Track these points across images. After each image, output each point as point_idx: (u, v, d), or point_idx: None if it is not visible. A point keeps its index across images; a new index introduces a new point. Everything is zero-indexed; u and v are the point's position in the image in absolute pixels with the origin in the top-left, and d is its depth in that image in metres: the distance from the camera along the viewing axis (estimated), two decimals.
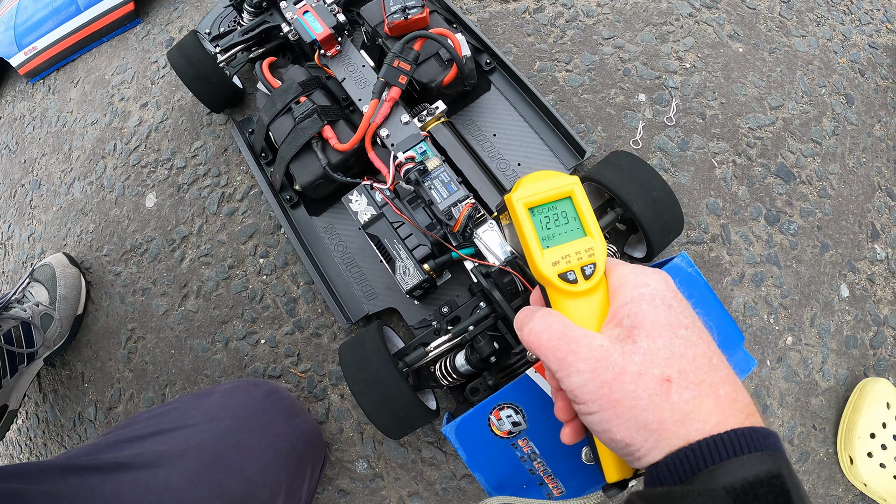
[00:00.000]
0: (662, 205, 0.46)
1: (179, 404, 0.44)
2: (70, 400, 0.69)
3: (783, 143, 0.59)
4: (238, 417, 0.42)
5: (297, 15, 0.54)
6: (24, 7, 0.83)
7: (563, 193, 0.25)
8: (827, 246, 0.57)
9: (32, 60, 0.82)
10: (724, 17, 0.64)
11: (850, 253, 0.57)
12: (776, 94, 0.61)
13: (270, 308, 0.60)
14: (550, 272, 0.24)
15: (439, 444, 0.54)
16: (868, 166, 0.59)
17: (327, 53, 0.54)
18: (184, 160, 0.68)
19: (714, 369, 0.22)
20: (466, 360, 0.43)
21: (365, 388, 0.42)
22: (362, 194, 0.47)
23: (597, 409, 0.22)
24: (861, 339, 0.55)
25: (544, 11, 0.65)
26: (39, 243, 0.75)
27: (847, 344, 0.55)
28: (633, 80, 0.61)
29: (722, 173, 0.58)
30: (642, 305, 0.23)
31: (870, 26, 0.65)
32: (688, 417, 0.21)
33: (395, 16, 0.53)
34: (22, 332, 0.65)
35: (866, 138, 0.60)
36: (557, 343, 0.23)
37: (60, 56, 0.82)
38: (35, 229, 0.77)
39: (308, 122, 0.51)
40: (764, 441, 0.20)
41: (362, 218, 0.46)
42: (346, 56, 0.54)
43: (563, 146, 0.56)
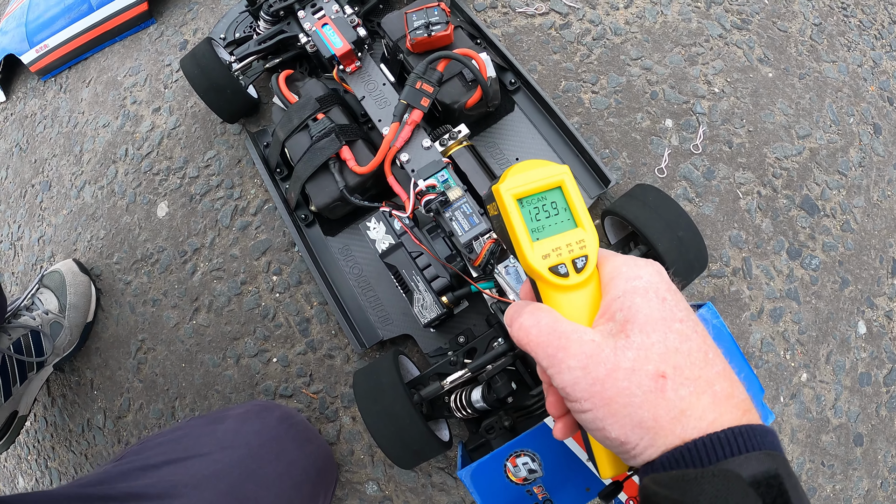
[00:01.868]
0: (688, 244, 0.44)
1: (192, 430, 0.43)
2: (79, 406, 0.68)
3: (809, 174, 0.57)
4: (252, 446, 0.41)
5: (315, 27, 0.51)
6: (36, 4, 0.79)
7: (553, 184, 0.24)
8: (847, 281, 0.55)
9: (44, 58, 0.79)
10: (754, 40, 0.61)
11: (870, 289, 0.55)
12: (804, 122, 0.58)
13: (283, 327, 0.58)
14: (540, 265, 0.23)
15: (450, 469, 0.52)
16: (893, 199, 0.57)
17: (346, 69, 0.51)
18: (196, 170, 0.66)
19: (710, 364, 0.21)
20: (483, 399, 0.41)
21: (379, 422, 0.40)
22: (380, 221, 0.45)
23: (590, 408, 0.21)
24: (875, 376, 0.54)
25: (571, 28, 0.62)
26: (49, 246, 0.73)
27: (861, 381, 0.53)
28: (660, 104, 0.58)
29: (746, 205, 0.56)
30: (635, 299, 0.22)
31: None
32: (684, 414, 0.20)
33: (418, 32, 0.50)
34: (31, 340, 0.63)
35: (892, 170, 0.58)
36: (547, 339, 0.22)
37: (72, 55, 0.79)
38: (45, 231, 0.75)
39: (325, 141, 0.49)
40: (762, 440, 0.20)
41: (380, 247, 0.44)
42: (366, 72, 0.51)
43: (588, 173, 0.53)
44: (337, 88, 0.56)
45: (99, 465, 0.46)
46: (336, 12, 0.55)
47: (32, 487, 0.71)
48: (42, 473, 0.70)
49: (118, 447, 0.65)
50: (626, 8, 0.63)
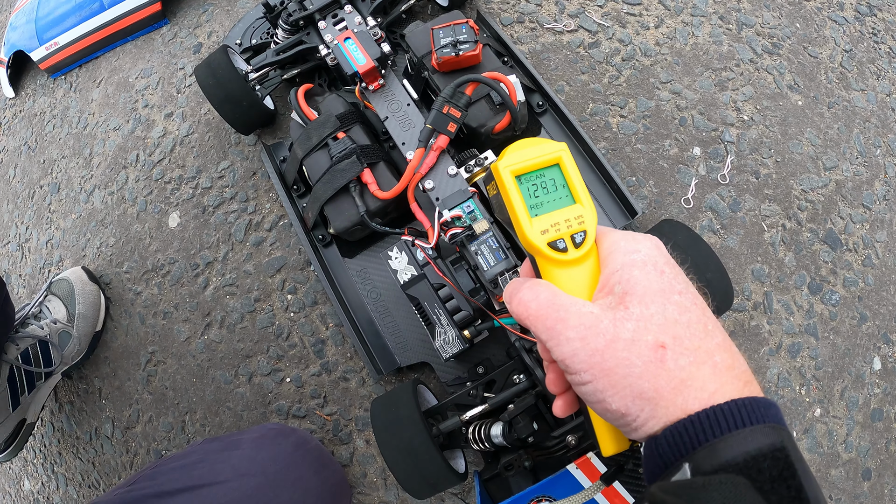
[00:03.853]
0: (716, 286, 0.42)
1: (206, 456, 0.41)
2: (87, 413, 0.66)
3: (834, 207, 0.55)
4: (268, 473, 0.40)
5: (337, 41, 0.49)
6: (46, 0, 0.76)
7: (551, 160, 0.24)
8: (865, 317, 0.53)
9: (54, 56, 0.76)
10: (784, 66, 0.59)
11: (887, 325, 0.53)
12: (832, 153, 0.56)
13: (297, 347, 0.56)
14: (539, 241, 0.23)
15: (462, 495, 0.52)
16: None
17: (369, 87, 0.49)
18: (210, 180, 0.64)
19: (709, 335, 0.21)
20: (503, 437, 0.39)
21: (397, 455, 0.39)
22: (403, 251, 0.44)
23: (589, 379, 0.21)
24: (887, 412, 0.53)
25: (600, 47, 0.60)
26: (58, 250, 0.72)
27: (873, 417, 0.52)
28: (688, 130, 0.56)
29: (770, 238, 0.54)
30: (633, 271, 0.22)
31: None
32: (684, 385, 0.20)
33: (445, 51, 0.48)
34: (39, 350, 0.62)
35: None
36: (546, 312, 0.22)
37: (83, 53, 0.76)
38: (53, 235, 0.73)
39: (347, 163, 0.47)
40: (765, 412, 0.20)
41: (402, 277, 0.43)
42: (390, 91, 0.49)
43: (614, 202, 0.51)
44: (357, 103, 0.54)
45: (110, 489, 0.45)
46: (359, 24, 0.53)
47: (38, 491, 0.70)
48: (48, 478, 0.69)
49: (126, 457, 0.63)
50: (656, 28, 0.60)
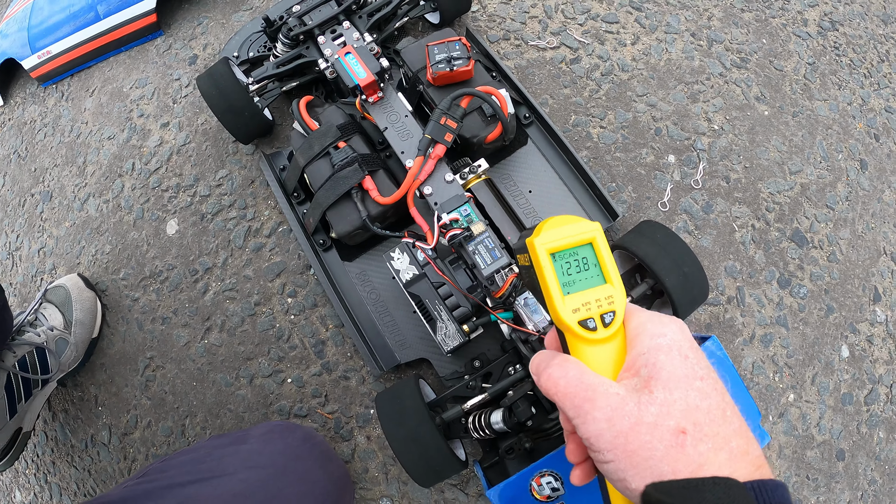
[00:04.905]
0: (692, 280, 0.46)
1: (215, 450, 0.42)
2: (82, 421, 0.66)
3: (800, 208, 0.60)
4: (277, 466, 0.41)
5: (338, 55, 0.52)
6: (39, 8, 0.76)
7: (585, 240, 0.25)
8: (832, 309, 0.58)
9: (46, 64, 0.76)
10: (752, 78, 0.64)
11: (853, 315, 0.59)
12: (796, 158, 0.62)
13: (298, 348, 0.58)
14: (571, 319, 0.24)
15: (461, 486, 0.54)
16: (876, 231, 0.61)
17: (369, 99, 0.52)
18: (208, 188, 0.65)
19: (727, 421, 0.22)
20: (503, 422, 0.42)
21: (403, 444, 0.41)
22: (404, 252, 0.46)
23: (612, 459, 0.22)
24: (856, 396, 0.57)
25: (581, 63, 0.64)
26: (50, 258, 0.71)
27: (843, 401, 0.57)
28: (664, 140, 0.61)
29: (741, 237, 0.59)
30: (659, 356, 0.23)
31: (887, 90, 0.66)
32: (701, 469, 0.21)
33: (440, 66, 0.51)
34: (37, 357, 0.61)
35: (876, 204, 0.62)
36: (574, 390, 0.23)
37: (75, 62, 0.76)
38: (46, 243, 0.72)
39: (349, 171, 0.49)
40: (773, 493, 0.21)
41: (404, 277, 0.45)
42: (388, 103, 0.52)
43: (596, 206, 0.55)
44: (354, 115, 0.56)
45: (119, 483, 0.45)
46: (357, 40, 0.55)
47: (30, 502, 0.69)
48: (41, 488, 0.68)
49: (124, 464, 0.63)
50: (632, 45, 0.65)
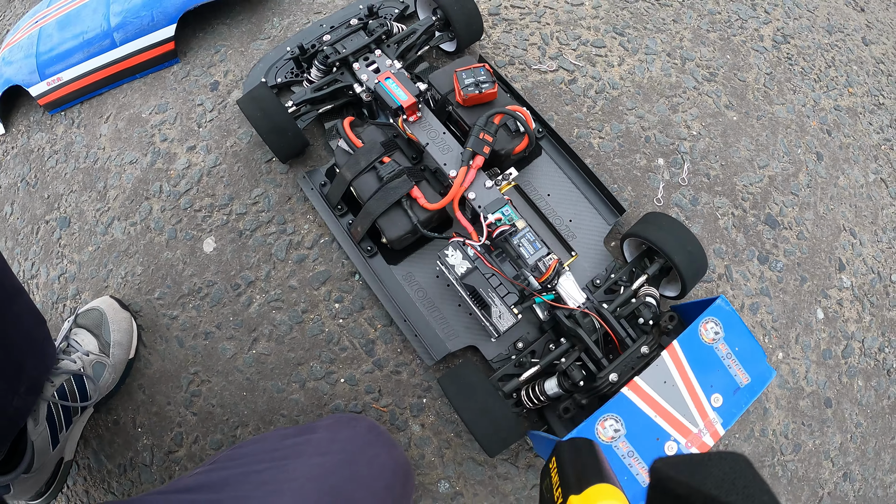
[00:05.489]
0: (695, 256, 0.60)
1: (284, 440, 0.46)
2: (119, 445, 0.70)
3: (770, 196, 0.77)
4: (347, 452, 0.45)
5: (378, 80, 0.63)
6: (48, 35, 0.83)
7: None
8: (805, 279, 0.75)
9: (55, 91, 0.82)
10: (720, 89, 0.81)
11: (823, 283, 0.75)
12: (763, 155, 0.79)
13: (349, 349, 0.67)
14: None
15: (512, 459, 0.64)
16: (835, 212, 0.78)
17: (409, 119, 0.63)
18: (244, 207, 0.74)
19: None
20: (558, 385, 0.52)
21: (476, 416, 0.50)
22: (457, 249, 0.57)
23: None
24: (834, 351, 0.73)
25: (577, 83, 0.79)
26: (73, 284, 0.76)
27: (824, 356, 0.73)
28: (652, 146, 0.77)
29: (724, 224, 0.75)
30: None
31: (835, 91, 0.84)
32: None
33: (470, 89, 0.64)
34: (75, 384, 0.64)
35: (833, 188, 0.79)
36: None
37: (87, 89, 0.83)
38: (66, 269, 0.77)
39: (398, 182, 0.60)
40: None
41: (459, 271, 0.56)
42: (426, 122, 0.64)
43: (604, 204, 0.69)
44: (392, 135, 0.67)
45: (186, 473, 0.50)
46: (389, 66, 0.68)
47: None
48: None
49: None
50: (619, 65, 0.81)
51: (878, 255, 0.74)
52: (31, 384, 0.58)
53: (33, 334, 0.58)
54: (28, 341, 0.57)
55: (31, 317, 0.58)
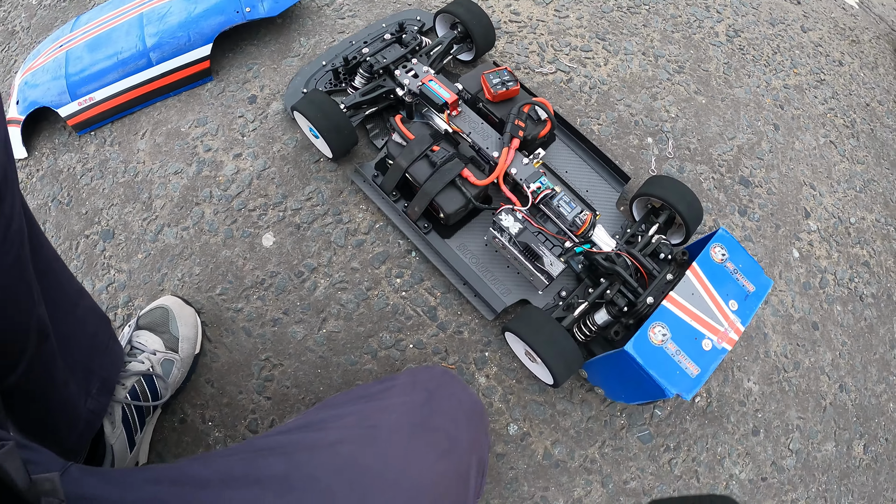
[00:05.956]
0: (694, 205, 0.79)
1: (370, 388, 0.50)
2: (189, 443, 0.77)
3: (740, 161, 0.99)
4: (429, 390, 0.50)
5: (423, 82, 0.79)
6: (78, 57, 0.91)
7: None
8: (779, 226, 0.96)
9: (86, 111, 0.90)
10: (689, 79, 1.04)
11: (794, 228, 0.97)
12: (730, 129, 1.02)
13: (413, 318, 0.79)
14: None
15: (568, 396, 0.78)
16: (795, 170, 1.01)
17: (452, 113, 0.79)
18: (298, 203, 0.85)
19: None
20: (608, 314, 0.67)
21: (547, 348, 0.64)
22: (508, 214, 0.73)
23: None
24: (812, 283, 0.94)
25: (573, 81, 0.99)
26: (124, 292, 0.83)
27: (804, 287, 0.93)
28: (641, 128, 0.97)
29: (707, 186, 0.96)
30: None
31: (782, 73, 1.08)
32: None
33: (498, 87, 0.81)
34: (145, 384, 0.70)
35: (791, 151, 1.02)
36: None
37: (119, 108, 0.91)
38: (115, 278, 0.84)
39: (451, 164, 0.75)
40: None
41: (513, 231, 0.71)
42: (466, 115, 0.80)
43: (612, 176, 0.87)
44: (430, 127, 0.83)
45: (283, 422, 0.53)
46: (425, 71, 0.84)
47: None
48: None
49: None
50: (605, 65, 1.02)
51: (836, 203, 0.98)
52: (102, 385, 0.63)
53: (99, 335, 0.62)
54: (95, 342, 0.61)
55: (96, 317, 0.62)
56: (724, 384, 0.81)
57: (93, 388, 0.61)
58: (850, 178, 0.99)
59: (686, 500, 0.29)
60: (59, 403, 0.56)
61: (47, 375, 0.53)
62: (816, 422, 0.83)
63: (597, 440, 0.76)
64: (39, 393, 0.52)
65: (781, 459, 0.80)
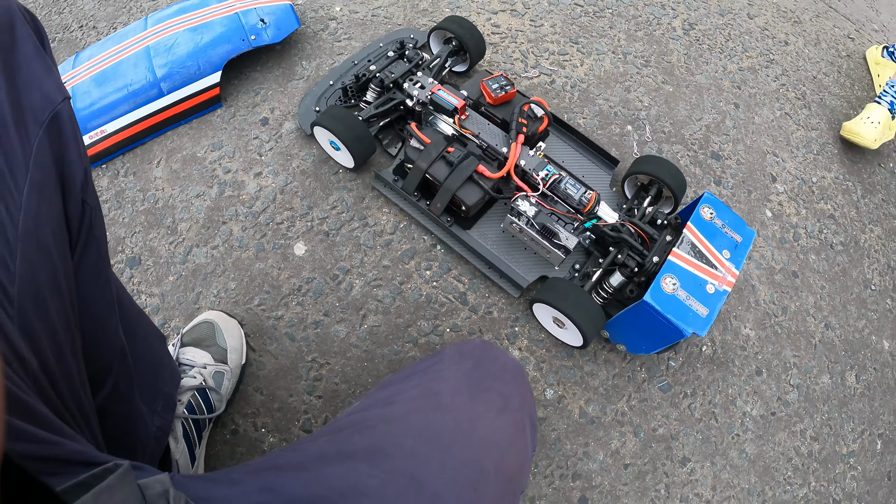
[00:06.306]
0: (678, 178, 0.95)
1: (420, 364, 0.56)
2: (242, 454, 0.83)
3: (710, 138, 1.17)
4: (475, 356, 0.56)
5: (433, 92, 0.92)
6: (85, 92, 0.97)
7: None
8: (751, 191, 1.13)
9: (98, 144, 0.96)
10: (656, 71, 1.23)
11: (764, 192, 1.14)
12: (697, 111, 1.20)
13: (446, 304, 0.89)
14: None
15: (593, 358, 0.90)
16: (758, 141, 1.19)
17: (462, 117, 0.92)
18: (324, 213, 0.94)
19: None
20: (622, 275, 0.80)
21: (575, 309, 0.76)
22: (524, 200, 0.86)
23: None
24: (787, 237, 1.11)
25: (556, 82, 1.15)
26: (158, 315, 0.89)
27: (780, 242, 1.10)
28: (621, 118, 1.14)
29: (685, 163, 1.13)
30: None
31: (736, 57, 1.28)
32: None
33: (497, 91, 0.95)
34: (200, 398, 0.74)
35: (752, 126, 1.20)
36: None
37: (132, 139, 0.98)
38: (147, 303, 0.90)
39: (468, 161, 0.87)
40: None
41: (530, 213, 0.84)
42: (473, 118, 0.92)
43: (602, 162, 1.02)
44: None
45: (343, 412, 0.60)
46: (430, 83, 0.97)
47: None
48: None
49: None
50: (581, 66, 1.19)
51: (798, 167, 1.17)
52: (165, 402, 0.68)
53: (160, 352, 0.68)
54: (157, 359, 0.66)
55: (154, 335, 0.66)
56: (725, 332, 0.96)
57: (158, 405, 0.65)
58: (807, 144, 1.19)
59: None
60: (133, 423, 0.59)
61: (126, 395, 0.57)
62: (810, 358, 0.99)
63: (623, 395, 0.89)
64: (118, 413, 0.55)
65: (785, 394, 0.96)
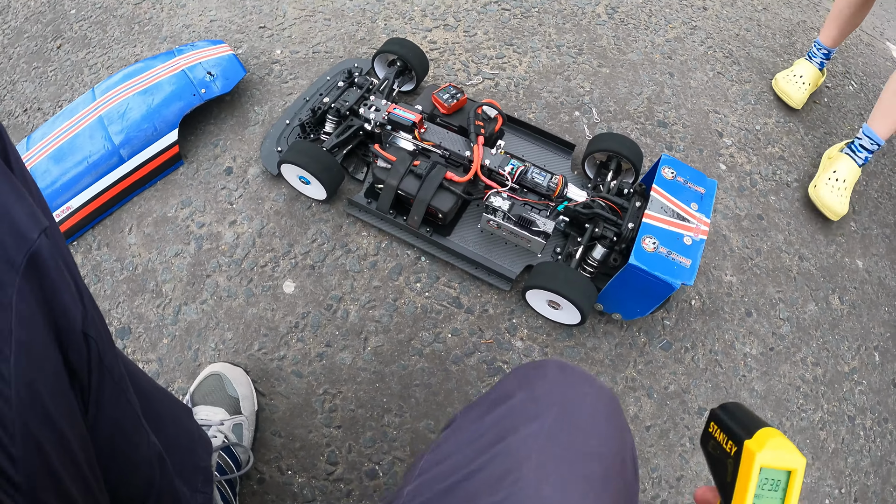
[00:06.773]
0: (634, 149, 1.03)
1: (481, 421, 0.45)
2: (273, 501, 0.83)
3: (653, 109, 1.27)
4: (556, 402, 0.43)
5: (389, 112, 0.97)
6: (45, 171, 0.97)
7: (792, 468, 0.34)
8: (702, 149, 1.23)
9: (66, 221, 0.96)
10: (590, 57, 1.32)
11: (714, 147, 1.23)
12: (636, 87, 1.29)
13: (442, 311, 0.93)
14: None
15: (593, 334, 0.95)
16: (699, 103, 1.29)
17: (421, 130, 0.98)
18: (305, 247, 0.97)
19: None
20: (602, 246, 0.87)
21: (567, 287, 0.83)
22: (496, 197, 0.91)
23: None
24: (745, 184, 1.20)
25: (500, 84, 1.22)
26: (160, 379, 0.89)
27: (740, 190, 1.19)
28: (567, 106, 1.22)
29: (635, 135, 1.21)
30: None
31: (661, 30, 1.40)
32: None
33: (449, 100, 1.01)
34: (227, 456, 0.75)
35: (689, 90, 1.31)
36: None
37: (99, 211, 0.99)
38: (145, 370, 0.90)
39: (435, 171, 0.92)
40: None
41: (505, 207, 0.90)
42: (432, 130, 0.98)
43: (559, 149, 1.09)
44: None
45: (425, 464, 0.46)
46: (384, 105, 1.02)
47: None
48: None
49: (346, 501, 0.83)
50: (520, 65, 1.27)
51: (740, 119, 1.27)
52: (205, 476, 0.66)
53: (190, 427, 0.67)
54: (189, 436, 0.66)
55: (182, 410, 0.66)
56: (709, 283, 1.03)
57: (198, 482, 0.64)
58: (744, 96, 1.30)
59: None
60: None
61: (170, 491, 0.56)
62: (792, 290, 1.07)
63: (628, 361, 0.94)
64: None
65: (778, 329, 1.03)
